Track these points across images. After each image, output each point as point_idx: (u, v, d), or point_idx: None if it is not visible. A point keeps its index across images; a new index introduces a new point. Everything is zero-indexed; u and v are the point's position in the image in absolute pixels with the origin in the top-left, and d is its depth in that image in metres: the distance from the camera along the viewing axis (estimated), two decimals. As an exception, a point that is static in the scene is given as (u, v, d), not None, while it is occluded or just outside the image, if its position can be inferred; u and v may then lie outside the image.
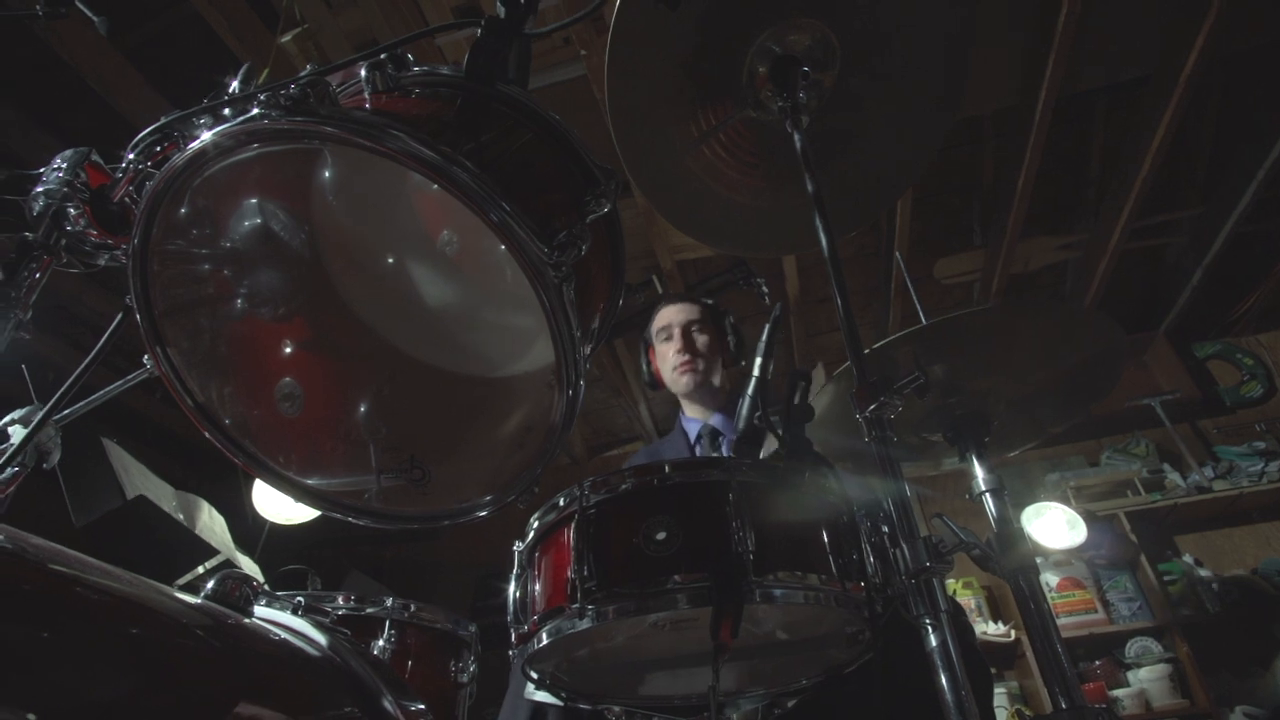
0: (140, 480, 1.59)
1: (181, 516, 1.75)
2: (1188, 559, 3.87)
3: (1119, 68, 3.03)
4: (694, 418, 2.13)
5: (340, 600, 1.23)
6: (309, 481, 0.86)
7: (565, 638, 0.90)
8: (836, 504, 1.00)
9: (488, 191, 0.59)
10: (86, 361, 0.71)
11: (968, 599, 4.00)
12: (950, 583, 4.14)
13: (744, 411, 1.04)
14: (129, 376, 1.06)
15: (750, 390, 1.03)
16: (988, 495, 1.04)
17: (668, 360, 2.12)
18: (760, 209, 1.24)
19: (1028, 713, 3.66)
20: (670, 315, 2.16)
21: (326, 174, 0.87)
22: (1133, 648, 3.63)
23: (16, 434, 1.30)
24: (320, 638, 0.72)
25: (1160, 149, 3.13)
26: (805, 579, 0.88)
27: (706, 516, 0.90)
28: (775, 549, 0.89)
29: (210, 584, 0.67)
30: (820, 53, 1.07)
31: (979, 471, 1.06)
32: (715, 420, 2.08)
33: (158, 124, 0.65)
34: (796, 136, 0.98)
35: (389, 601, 1.25)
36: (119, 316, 0.72)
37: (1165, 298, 4.37)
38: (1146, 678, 3.48)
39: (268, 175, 0.80)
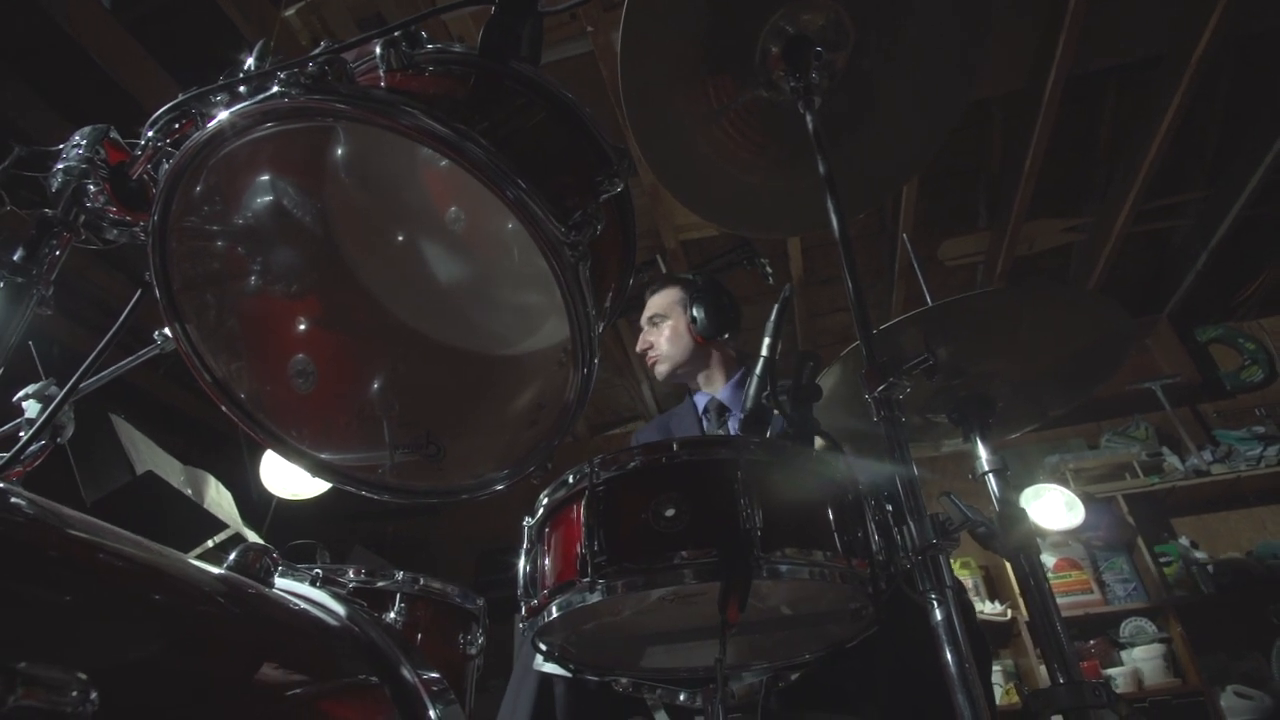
0: (148, 456, 1.61)
1: (190, 491, 1.77)
2: (1184, 541, 3.90)
3: (1130, 48, 3.00)
4: (704, 392, 2.16)
5: (351, 574, 1.25)
6: (323, 456, 0.87)
7: (575, 611, 0.92)
8: (842, 482, 1.01)
9: (503, 169, 0.59)
10: (108, 337, 0.73)
11: (966, 578, 4.05)
12: (948, 563, 4.18)
13: (751, 391, 1.05)
14: (141, 352, 1.07)
15: (758, 370, 1.04)
16: (991, 476, 1.06)
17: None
18: (770, 189, 1.23)
19: (1026, 689, 3.72)
20: (646, 308, 2.25)
21: (339, 151, 0.87)
22: (1127, 628, 3.68)
23: (30, 408, 1.31)
24: (339, 608, 0.74)
25: (1169, 131, 3.11)
26: (811, 555, 0.90)
27: (714, 494, 0.92)
28: (782, 526, 0.90)
29: (232, 555, 0.68)
30: (833, 33, 1.07)
31: (982, 452, 1.08)
32: (723, 395, 2.11)
33: (176, 101, 0.66)
34: (809, 117, 0.97)
35: (399, 575, 1.27)
36: (138, 293, 0.73)
37: (1169, 280, 4.36)
38: (1140, 657, 3.54)
39: (282, 153, 0.80)
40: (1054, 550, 3.88)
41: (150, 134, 0.67)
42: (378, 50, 0.73)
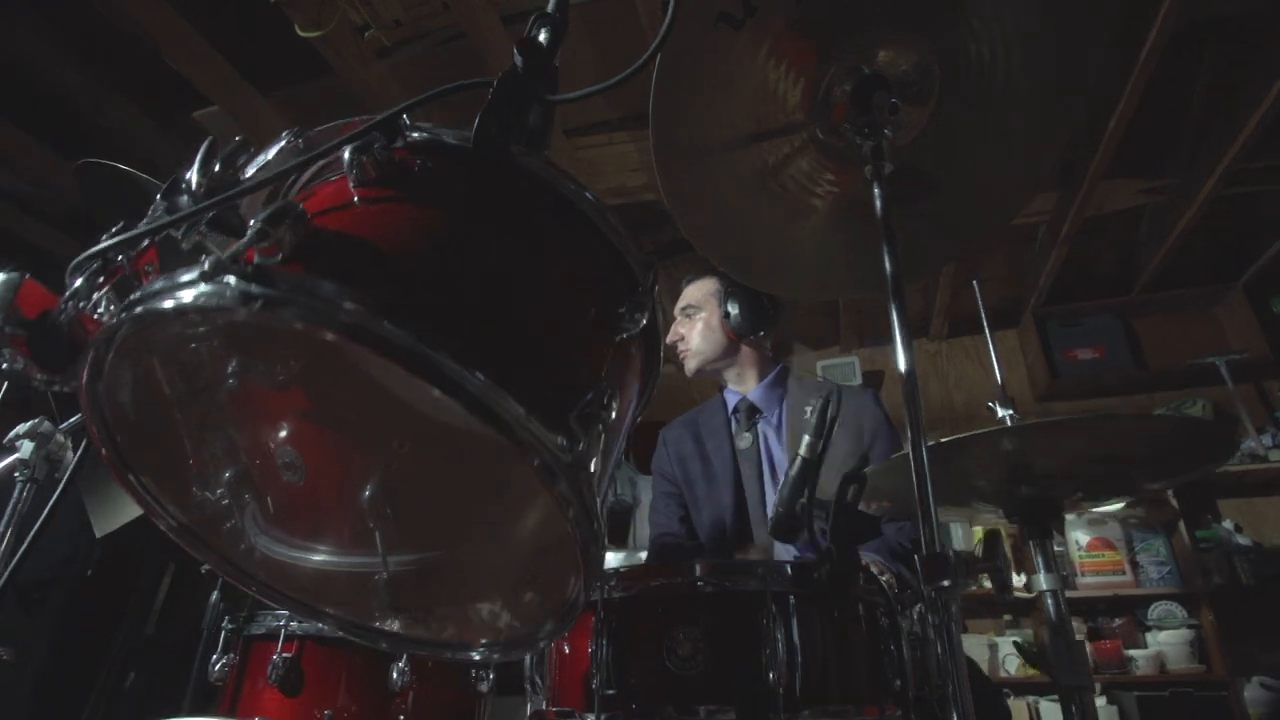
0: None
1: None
2: (1227, 524, 3.76)
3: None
4: (735, 389, 2.07)
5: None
6: (316, 568, 0.81)
7: (580, 738, 0.87)
8: (876, 603, 0.92)
9: (490, 400, 0.47)
10: (58, 492, 0.64)
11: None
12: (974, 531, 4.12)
13: (785, 494, 0.93)
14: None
15: (794, 471, 0.93)
16: (1048, 596, 0.95)
17: None
18: (817, 245, 1.07)
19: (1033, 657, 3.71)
20: (680, 297, 2.14)
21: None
22: (1155, 610, 3.61)
23: (25, 448, 1.25)
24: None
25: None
26: (840, 709, 0.82)
27: (737, 633, 0.83)
28: (809, 675, 0.82)
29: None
30: (915, 77, 0.87)
31: (1041, 568, 0.96)
32: (754, 395, 2.02)
33: (99, 247, 0.54)
34: (877, 191, 0.80)
35: (407, 626, 1.23)
36: (83, 445, 0.64)
37: (1249, 248, 4.01)
38: (1165, 641, 3.49)
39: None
40: (1089, 528, 3.78)
41: (79, 282, 0.55)
42: (346, 157, 0.60)
